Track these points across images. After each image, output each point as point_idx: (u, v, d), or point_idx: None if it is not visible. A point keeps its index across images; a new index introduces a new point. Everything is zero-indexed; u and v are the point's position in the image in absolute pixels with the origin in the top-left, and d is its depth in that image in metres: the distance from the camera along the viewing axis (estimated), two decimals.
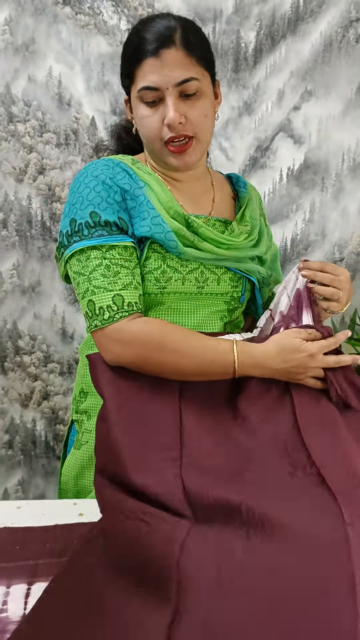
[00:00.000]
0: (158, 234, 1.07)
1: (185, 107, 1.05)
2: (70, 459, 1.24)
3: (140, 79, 1.04)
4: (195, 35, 1.06)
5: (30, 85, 1.88)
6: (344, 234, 2.07)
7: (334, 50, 1.90)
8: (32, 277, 2.03)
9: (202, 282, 1.14)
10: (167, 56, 1.02)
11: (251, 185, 1.33)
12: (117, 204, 1.07)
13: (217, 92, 1.16)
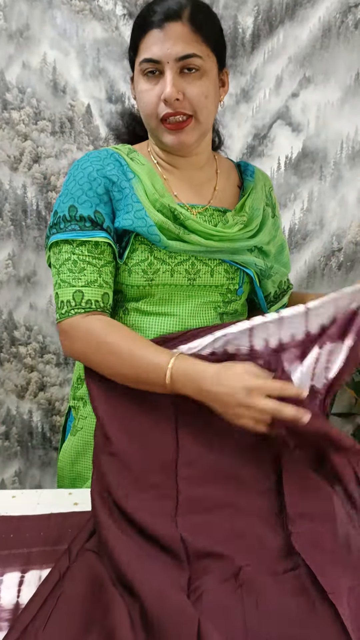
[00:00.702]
0: (140, 228, 1.07)
1: (184, 83, 1.03)
2: (66, 445, 1.25)
3: (142, 50, 1.03)
4: (205, 15, 1.04)
5: (25, 72, 1.86)
6: (343, 223, 2.05)
7: (333, 36, 1.88)
8: (28, 267, 2.01)
9: (193, 274, 1.12)
10: (171, 29, 1.01)
11: (262, 173, 1.29)
12: (98, 197, 1.07)
13: (225, 80, 1.12)
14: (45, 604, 0.81)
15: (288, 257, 1.32)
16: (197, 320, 1.14)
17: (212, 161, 1.21)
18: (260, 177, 1.26)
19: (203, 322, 1.15)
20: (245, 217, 1.16)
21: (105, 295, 1.08)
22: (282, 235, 1.31)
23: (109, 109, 1.90)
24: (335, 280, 2.10)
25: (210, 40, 1.04)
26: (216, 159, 1.23)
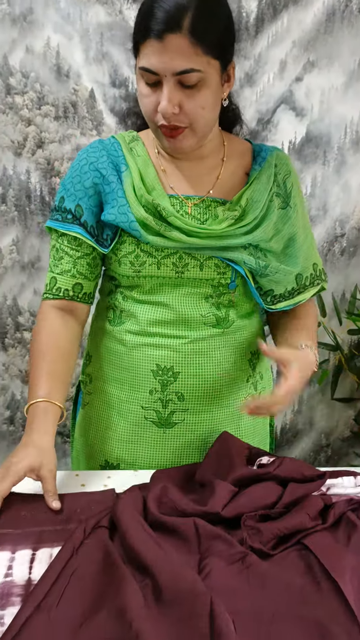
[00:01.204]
0: (122, 223, 1.10)
1: (182, 96, 1.00)
2: (78, 418, 1.31)
3: (142, 56, 1.00)
4: (209, 19, 0.99)
5: (28, 56, 1.86)
6: (346, 208, 2.07)
7: (337, 20, 1.88)
8: (32, 253, 2.02)
9: (181, 267, 1.13)
10: (170, 42, 0.96)
11: (280, 157, 1.21)
12: (83, 190, 1.13)
13: (230, 75, 1.08)
14: (58, 580, 0.82)
15: (304, 250, 1.23)
16: (189, 309, 1.14)
17: (220, 148, 1.18)
18: (272, 164, 1.19)
19: (196, 311, 1.15)
20: (237, 212, 1.13)
21: (78, 285, 1.16)
22: (296, 227, 1.21)
23: (112, 93, 1.90)
24: (338, 266, 2.12)
25: (212, 48, 0.99)
26: (225, 145, 1.19)
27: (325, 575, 0.85)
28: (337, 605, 0.80)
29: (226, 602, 0.78)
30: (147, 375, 1.16)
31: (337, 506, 1.00)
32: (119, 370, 1.18)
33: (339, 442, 2.34)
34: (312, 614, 0.79)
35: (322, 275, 1.28)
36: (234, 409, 1.20)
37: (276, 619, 0.78)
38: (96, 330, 1.25)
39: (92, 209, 1.13)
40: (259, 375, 1.26)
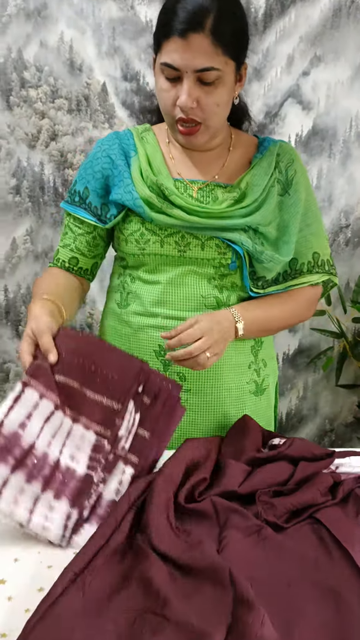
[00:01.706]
0: (127, 201, 1.18)
1: (200, 92, 1.07)
2: None
3: (164, 53, 1.06)
4: (229, 21, 1.05)
5: (42, 51, 1.90)
6: (350, 200, 2.11)
7: (343, 16, 1.92)
8: (45, 243, 2.07)
9: (183, 247, 1.18)
10: (193, 40, 1.02)
11: (284, 147, 1.26)
12: (92, 174, 1.23)
13: (242, 75, 1.14)
14: (98, 554, 0.88)
15: (302, 238, 1.25)
16: (191, 289, 1.19)
17: (227, 140, 1.24)
18: (274, 152, 1.24)
19: (197, 291, 1.20)
20: (236, 194, 1.19)
21: (74, 258, 1.27)
22: (293, 215, 1.23)
23: (124, 87, 1.95)
24: (343, 256, 2.17)
25: (230, 49, 1.05)
26: (233, 137, 1.25)
27: (336, 546, 0.91)
28: (349, 573, 0.86)
29: (244, 571, 0.84)
30: (151, 355, 1.21)
31: (346, 483, 1.06)
32: (126, 350, 1.23)
33: (343, 427, 2.39)
34: (325, 580, 0.85)
35: (326, 266, 1.28)
36: (236, 393, 1.25)
37: (291, 585, 0.84)
38: (106, 314, 1.31)
39: (97, 191, 1.23)
40: (262, 363, 1.29)
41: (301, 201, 1.23)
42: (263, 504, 1.00)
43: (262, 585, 0.83)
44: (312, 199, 1.27)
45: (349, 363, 2.25)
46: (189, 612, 0.77)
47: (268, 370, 1.31)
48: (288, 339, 2.25)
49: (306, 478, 1.05)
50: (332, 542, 0.92)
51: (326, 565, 0.88)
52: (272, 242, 1.22)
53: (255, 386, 1.27)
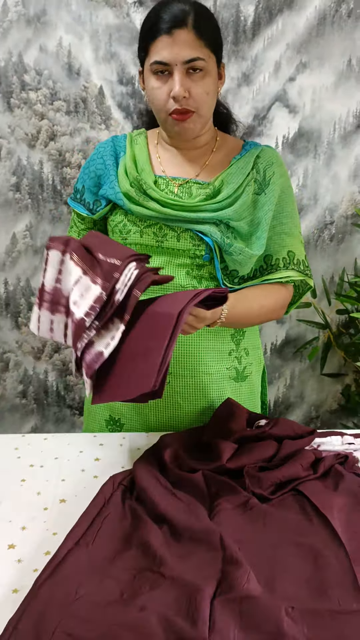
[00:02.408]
0: (111, 195, 1.32)
1: (190, 82, 1.18)
2: None
3: (153, 53, 1.18)
4: (206, 21, 1.19)
5: (42, 55, 1.99)
6: (335, 198, 2.21)
7: (328, 24, 2.01)
8: (44, 238, 2.16)
9: (160, 237, 1.29)
10: (178, 36, 1.15)
11: (265, 151, 1.33)
12: (88, 174, 1.37)
13: (222, 74, 1.27)
14: (94, 523, 0.99)
15: (276, 236, 1.31)
16: (173, 281, 1.20)
17: (212, 141, 1.35)
18: (254, 154, 1.31)
19: (178, 282, 1.28)
20: (209, 190, 1.28)
21: None
22: (266, 213, 1.29)
23: (119, 90, 2.04)
24: (327, 251, 2.27)
25: (210, 43, 1.19)
26: (218, 139, 1.36)
27: (316, 513, 1.03)
28: (327, 535, 0.98)
29: (233, 536, 0.95)
30: None
31: (327, 459, 1.17)
32: None
33: (328, 414, 2.48)
34: (306, 541, 0.96)
35: (301, 266, 1.34)
36: (216, 377, 1.35)
37: (275, 547, 0.95)
38: None
39: (90, 189, 1.37)
40: (244, 351, 1.39)
41: (275, 199, 1.31)
42: (250, 478, 1.11)
43: (249, 547, 0.94)
44: (290, 201, 1.35)
45: (333, 353, 2.35)
46: (183, 570, 0.88)
47: (251, 359, 1.41)
48: (276, 330, 2.36)
49: (290, 454, 1.17)
50: (313, 511, 1.03)
51: (307, 529, 1.00)
52: (244, 237, 1.29)
53: (235, 372, 1.37)
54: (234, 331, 1.37)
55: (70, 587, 0.85)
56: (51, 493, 1.11)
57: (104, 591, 0.85)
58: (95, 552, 0.93)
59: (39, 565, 0.91)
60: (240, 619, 0.79)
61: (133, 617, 0.79)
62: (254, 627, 0.78)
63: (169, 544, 0.95)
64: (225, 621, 0.79)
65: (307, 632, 0.78)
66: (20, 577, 0.90)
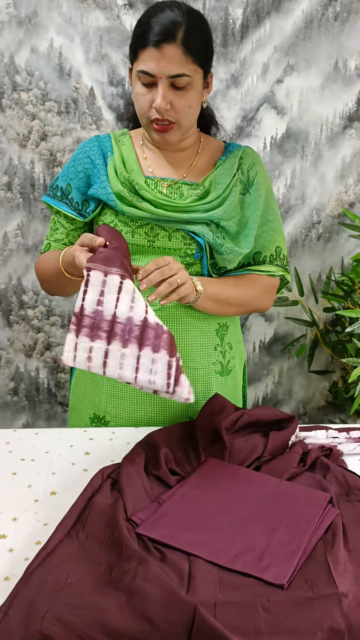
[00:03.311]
0: (102, 195, 1.32)
1: (173, 95, 1.21)
2: (72, 379, 1.51)
3: (141, 61, 1.21)
4: (197, 34, 1.20)
5: (33, 56, 2.01)
6: (322, 198, 2.25)
7: (315, 28, 2.05)
8: (35, 237, 2.19)
9: (152, 237, 1.32)
10: (166, 50, 1.18)
11: (247, 152, 1.38)
12: (75, 173, 1.36)
13: (209, 82, 1.30)
14: (83, 513, 1.01)
15: (264, 233, 1.37)
16: None
17: (197, 143, 1.39)
18: (237, 155, 1.36)
19: None
20: (200, 191, 1.32)
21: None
22: (253, 212, 1.34)
23: (110, 91, 2.07)
24: (315, 250, 2.31)
25: (198, 58, 1.21)
26: (201, 141, 1.40)
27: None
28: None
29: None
30: None
31: (312, 452, 1.22)
32: None
33: (315, 411, 2.52)
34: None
35: (285, 261, 1.41)
36: (202, 372, 1.38)
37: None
38: None
39: (80, 188, 1.36)
40: (228, 346, 1.43)
41: (261, 198, 1.37)
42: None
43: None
44: (272, 198, 1.41)
45: (320, 350, 2.40)
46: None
47: (234, 353, 1.45)
48: (264, 328, 2.40)
49: (278, 446, 1.21)
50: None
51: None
52: (233, 236, 1.34)
53: (220, 367, 1.41)
54: (219, 326, 1.40)
55: (60, 574, 0.88)
56: (42, 485, 1.14)
57: (93, 577, 0.88)
58: (85, 541, 0.96)
59: (30, 555, 0.94)
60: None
61: (124, 593, 0.83)
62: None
63: (143, 547, 0.96)
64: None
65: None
66: (11, 566, 0.93)
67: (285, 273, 1.43)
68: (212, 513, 1.03)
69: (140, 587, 0.83)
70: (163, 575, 0.86)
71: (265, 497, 1.08)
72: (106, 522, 0.99)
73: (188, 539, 0.96)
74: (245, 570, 0.90)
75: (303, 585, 0.88)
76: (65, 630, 0.79)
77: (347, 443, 1.29)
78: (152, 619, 0.80)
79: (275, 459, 1.20)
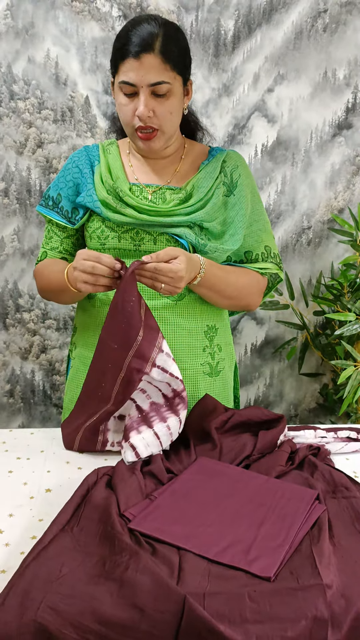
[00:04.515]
0: (89, 203, 1.36)
1: (155, 103, 1.26)
2: (67, 380, 1.54)
3: (122, 73, 1.25)
4: (174, 43, 1.25)
5: (30, 66, 2.05)
6: (312, 204, 2.29)
7: (304, 38, 2.09)
8: (31, 241, 2.23)
9: (137, 241, 1.36)
10: (145, 60, 1.22)
11: (231, 155, 1.41)
12: (65, 182, 1.41)
13: (189, 90, 1.34)
14: (78, 509, 1.05)
15: (252, 233, 1.40)
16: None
17: (180, 149, 1.43)
18: (220, 159, 1.40)
19: None
20: (182, 195, 1.35)
21: (63, 259, 1.45)
22: (238, 213, 1.37)
23: (105, 100, 2.11)
24: (305, 255, 2.35)
25: (177, 66, 1.26)
26: (186, 146, 1.44)
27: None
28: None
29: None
30: None
31: (301, 450, 1.26)
32: (96, 336, 1.34)
33: (306, 412, 2.56)
34: None
35: (277, 259, 1.45)
36: (190, 373, 1.41)
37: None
38: (79, 305, 1.48)
39: (69, 197, 1.40)
40: (217, 347, 1.45)
41: (246, 198, 1.41)
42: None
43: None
44: (258, 199, 1.45)
45: (310, 353, 2.43)
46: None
47: (223, 355, 1.47)
48: (255, 331, 2.44)
49: (267, 445, 1.25)
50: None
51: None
52: (217, 235, 1.38)
53: (209, 368, 1.44)
54: (207, 328, 1.44)
55: (54, 566, 0.91)
56: (37, 483, 1.17)
57: (86, 568, 0.91)
58: (79, 535, 0.99)
59: (26, 549, 0.97)
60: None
61: (116, 584, 0.86)
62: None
63: (135, 542, 1.00)
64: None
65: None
66: (7, 559, 0.96)
67: (278, 270, 1.46)
68: (202, 508, 1.07)
69: (132, 578, 0.87)
70: (154, 567, 0.89)
71: (253, 494, 1.11)
72: (100, 517, 1.02)
73: (178, 533, 1.00)
74: (233, 563, 0.94)
75: (288, 576, 0.92)
76: (59, 618, 0.82)
77: (335, 442, 1.33)
78: (143, 608, 0.83)
79: (264, 457, 1.23)
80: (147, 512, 1.04)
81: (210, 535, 1.00)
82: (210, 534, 1.00)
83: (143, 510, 1.05)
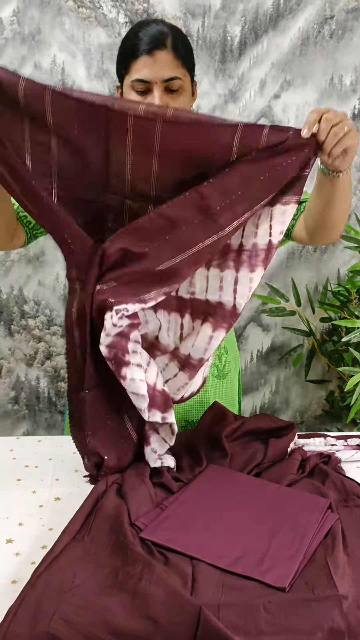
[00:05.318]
0: None
1: (168, 99, 1.28)
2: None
3: (134, 71, 1.27)
4: (182, 43, 1.30)
5: (36, 72, 2.05)
6: None
7: (311, 45, 2.10)
8: (37, 248, 2.22)
9: None
10: (159, 56, 1.25)
11: None
12: None
13: (194, 91, 1.38)
14: (88, 518, 1.04)
15: None
16: None
17: None
18: None
19: None
20: None
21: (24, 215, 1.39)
22: None
23: None
24: (311, 261, 2.34)
25: (186, 63, 1.30)
26: None
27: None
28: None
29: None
30: None
31: (311, 459, 1.25)
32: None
33: (312, 419, 2.55)
34: None
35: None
36: None
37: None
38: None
39: None
40: (224, 350, 1.46)
41: None
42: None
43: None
44: None
45: (317, 360, 2.42)
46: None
47: (229, 357, 1.48)
48: (262, 338, 2.43)
49: (277, 453, 1.24)
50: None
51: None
52: None
53: (217, 370, 1.44)
54: None
55: (66, 576, 0.90)
56: (46, 492, 1.17)
57: (98, 579, 0.91)
58: (90, 545, 0.98)
59: (36, 558, 0.97)
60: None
61: (129, 595, 0.85)
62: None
63: (148, 552, 0.99)
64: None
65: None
66: (18, 569, 0.96)
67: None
68: (213, 517, 1.06)
69: (145, 589, 0.86)
70: (167, 577, 0.88)
71: (265, 502, 1.10)
72: (111, 526, 1.01)
73: (190, 542, 0.99)
74: (247, 573, 0.93)
75: (304, 587, 0.91)
76: (72, 630, 0.81)
77: (345, 450, 1.32)
78: (157, 620, 0.82)
79: (274, 465, 1.23)
80: (158, 522, 1.03)
81: (223, 544, 0.99)
82: (223, 543, 0.99)
83: (154, 520, 1.04)
